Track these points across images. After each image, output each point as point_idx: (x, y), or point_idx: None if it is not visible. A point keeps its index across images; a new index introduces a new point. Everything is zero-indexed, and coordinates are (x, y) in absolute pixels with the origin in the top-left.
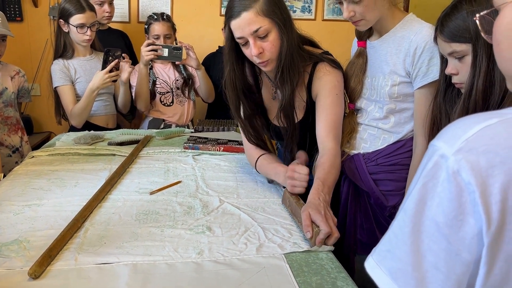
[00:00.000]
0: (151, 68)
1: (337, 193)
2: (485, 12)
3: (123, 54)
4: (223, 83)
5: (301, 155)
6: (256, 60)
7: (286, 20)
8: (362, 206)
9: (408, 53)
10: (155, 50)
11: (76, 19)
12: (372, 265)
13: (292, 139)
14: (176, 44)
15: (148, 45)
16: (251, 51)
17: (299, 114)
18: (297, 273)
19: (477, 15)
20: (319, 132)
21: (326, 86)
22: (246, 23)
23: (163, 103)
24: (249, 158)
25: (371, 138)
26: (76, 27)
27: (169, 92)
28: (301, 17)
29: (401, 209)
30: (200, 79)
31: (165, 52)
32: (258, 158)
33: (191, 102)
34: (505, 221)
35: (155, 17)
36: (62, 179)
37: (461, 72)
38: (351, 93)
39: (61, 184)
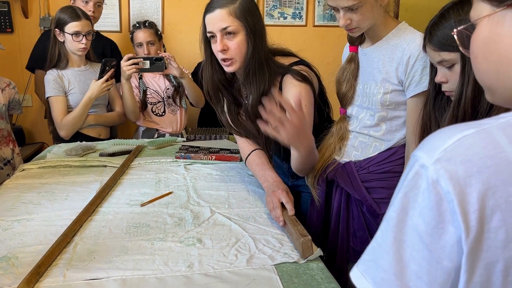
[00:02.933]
0: (140, 78)
1: (329, 202)
2: (462, 27)
3: (165, 55)
4: (199, 74)
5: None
6: (220, 56)
7: (257, 29)
8: (354, 214)
9: (401, 61)
10: (137, 64)
11: (71, 27)
12: (357, 275)
13: (266, 138)
14: (159, 54)
15: (129, 59)
16: (216, 46)
17: None
18: (287, 285)
19: (455, 30)
20: None
21: (291, 99)
22: (218, 19)
23: (155, 113)
24: (241, 150)
25: (362, 146)
26: (72, 34)
27: (160, 101)
28: (292, 23)
29: (384, 219)
30: (186, 87)
31: (147, 64)
32: (249, 154)
33: (183, 110)
34: (483, 229)
35: (137, 25)
36: (53, 193)
37: (450, 80)
38: (342, 98)
39: (51, 198)
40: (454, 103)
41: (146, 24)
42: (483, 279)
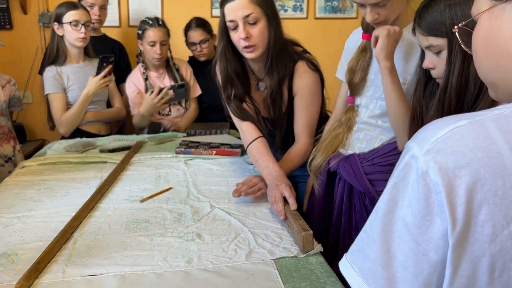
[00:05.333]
0: (146, 79)
1: (332, 194)
2: (463, 23)
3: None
4: (213, 62)
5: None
6: (242, 44)
7: (276, 16)
8: (357, 207)
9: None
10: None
11: (70, 15)
12: (345, 264)
13: (278, 127)
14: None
15: (159, 91)
16: (239, 35)
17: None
18: (286, 279)
19: (456, 27)
20: (296, 129)
21: (305, 88)
22: (239, 7)
23: (161, 114)
24: (244, 134)
25: (368, 139)
26: (70, 23)
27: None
28: (293, 16)
29: (374, 209)
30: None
31: (171, 93)
32: (253, 141)
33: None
34: (470, 223)
35: (150, 22)
36: (53, 189)
37: (437, 66)
38: (354, 87)
39: (51, 194)
40: (439, 91)
41: (160, 23)
42: (469, 273)
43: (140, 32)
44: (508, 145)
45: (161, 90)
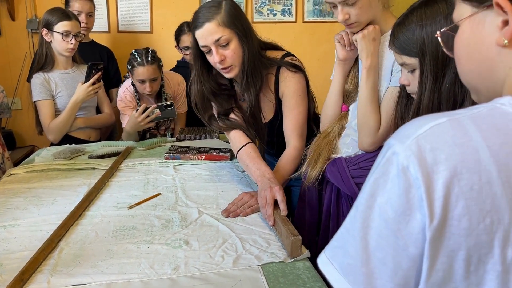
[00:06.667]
0: (138, 99)
1: (320, 198)
2: (445, 28)
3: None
4: (188, 87)
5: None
6: (218, 67)
7: (246, 30)
8: (344, 211)
9: (388, 66)
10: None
11: (62, 26)
12: (325, 261)
13: (260, 137)
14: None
15: (143, 110)
16: (213, 59)
17: (268, 115)
18: (273, 285)
19: (438, 32)
20: (285, 131)
21: (290, 88)
22: (209, 33)
23: (149, 129)
24: (233, 142)
25: (354, 144)
26: (62, 34)
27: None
28: (282, 20)
29: (354, 205)
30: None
31: (158, 112)
32: (242, 147)
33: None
34: (446, 217)
35: (139, 59)
36: (40, 197)
37: (412, 83)
38: (347, 95)
39: (38, 203)
40: (413, 110)
41: (149, 59)
42: (445, 267)
43: (129, 66)
44: (485, 142)
45: (146, 109)
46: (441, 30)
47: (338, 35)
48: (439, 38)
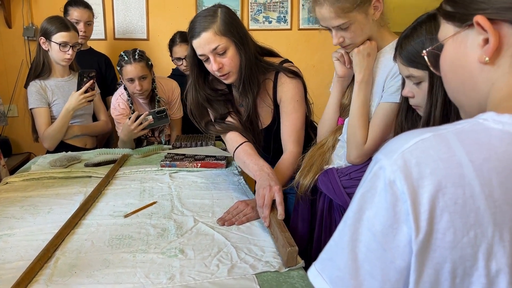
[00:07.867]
0: (132, 103)
1: (314, 208)
2: (430, 48)
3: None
4: (184, 95)
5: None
6: (217, 74)
7: (242, 37)
8: (337, 221)
9: (389, 73)
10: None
11: (60, 36)
12: (314, 273)
13: (257, 143)
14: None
15: (136, 118)
16: (212, 67)
17: (266, 121)
18: None
19: (424, 51)
20: (283, 136)
21: (287, 94)
22: (206, 42)
23: (144, 137)
24: (229, 143)
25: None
26: (59, 44)
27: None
28: (277, 27)
29: (342, 218)
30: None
31: (150, 119)
32: (239, 146)
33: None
34: (432, 230)
35: (126, 58)
36: (36, 206)
37: (417, 96)
38: (343, 109)
39: (34, 212)
40: (423, 123)
41: (136, 57)
42: (432, 279)
43: (118, 68)
44: (468, 156)
45: (138, 116)
46: (427, 49)
47: (337, 53)
48: (425, 57)
